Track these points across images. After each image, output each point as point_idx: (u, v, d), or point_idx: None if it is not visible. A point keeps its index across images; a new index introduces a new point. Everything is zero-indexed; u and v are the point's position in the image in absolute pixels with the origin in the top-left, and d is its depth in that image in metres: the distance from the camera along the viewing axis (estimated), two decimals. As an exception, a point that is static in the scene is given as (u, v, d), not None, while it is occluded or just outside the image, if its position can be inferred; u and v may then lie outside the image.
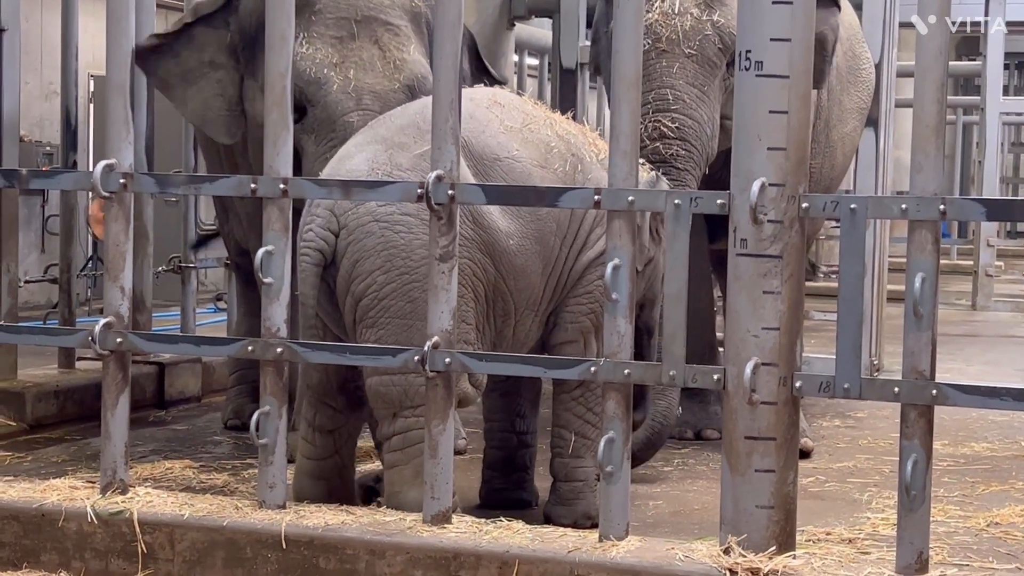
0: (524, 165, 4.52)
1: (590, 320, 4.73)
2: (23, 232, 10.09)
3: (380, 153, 4.38)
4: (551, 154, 4.63)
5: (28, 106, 11.33)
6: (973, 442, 6.63)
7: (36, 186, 4.72)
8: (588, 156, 4.75)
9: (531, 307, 4.62)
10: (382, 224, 4.28)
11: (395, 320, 4.27)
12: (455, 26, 3.93)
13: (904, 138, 5.48)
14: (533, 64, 14.03)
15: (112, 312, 4.19)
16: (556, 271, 4.66)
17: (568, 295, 4.73)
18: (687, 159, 5.77)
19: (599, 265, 4.66)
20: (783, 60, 3.58)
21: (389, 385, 4.30)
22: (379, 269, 4.27)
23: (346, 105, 5.42)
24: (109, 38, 4.23)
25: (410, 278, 4.25)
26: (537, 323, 4.70)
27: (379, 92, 5.48)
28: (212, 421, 6.98)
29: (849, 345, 3.57)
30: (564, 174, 4.62)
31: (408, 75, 5.56)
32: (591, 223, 4.70)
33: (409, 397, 4.28)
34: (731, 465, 3.66)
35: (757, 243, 3.59)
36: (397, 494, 4.31)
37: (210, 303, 11.11)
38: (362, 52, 5.55)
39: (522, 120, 4.65)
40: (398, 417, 4.33)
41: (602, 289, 4.64)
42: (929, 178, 3.51)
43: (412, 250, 4.26)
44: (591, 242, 4.70)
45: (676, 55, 5.83)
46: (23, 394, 6.63)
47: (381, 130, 4.53)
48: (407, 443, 4.31)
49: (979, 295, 13.86)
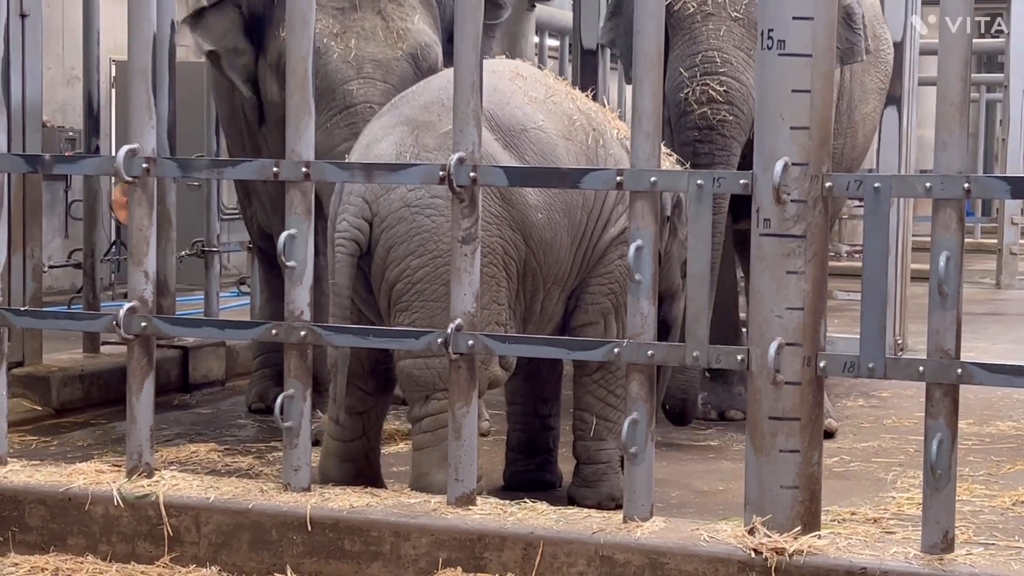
0: (550, 136, 4.52)
1: (610, 301, 4.72)
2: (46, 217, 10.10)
3: (406, 135, 4.38)
4: (574, 127, 4.62)
5: (50, 92, 11.34)
6: (998, 421, 6.61)
7: (59, 171, 4.73)
8: (609, 132, 4.75)
9: (559, 282, 4.61)
10: (413, 209, 4.29)
11: (429, 303, 4.28)
12: (476, 7, 3.92)
13: (928, 116, 5.47)
14: (554, 45, 14.01)
15: (136, 296, 4.20)
16: (583, 246, 4.65)
17: (590, 274, 4.72)
18: (734, 125, 5.69)
19: (620, 244, 4.66)
20: (806, 38, 3.56)
21: (423, 368, 4.31)
22: (412, 254, 4.28)
23: (346, 73, 5.41)
24: (130, 23, 4.23)
25: (443, 261, 4.24)
26: (562, 299, 4.69)
27: (381, 60, 5.47)
28: (236, 404, 7.01)
29: (873, 325, 3.56)
30: (587, 147, 4.62)
31: (411, 44, 5.54)
32: (615, 199, 4.69)
33: (442, 380, 4.27)
34: (755, 446, 3.66)
35: (780, 223, 3.58)
36: (424, 475, 4.32)
37: (233, 287, 11.14)
38: (364, 22, 5.54)
39: (545, 92, 4.65)
40: (430, 400, 4.33)
41: (623, 269, 4.65)
42: (953, 156, 3.49)
43: (443, 233, 4.25)
44: (614, 218, 4.69)
45: (723, 18, 5.76)
46: (48, 379, 6.66)
47: (406, 109, 4.52)
48: (437, 425, 4.32)
49: (1003, 274, 13.79)
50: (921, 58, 8.97)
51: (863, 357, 3.57)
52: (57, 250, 11.61)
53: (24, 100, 6.70)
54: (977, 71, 20.43)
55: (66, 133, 11.94)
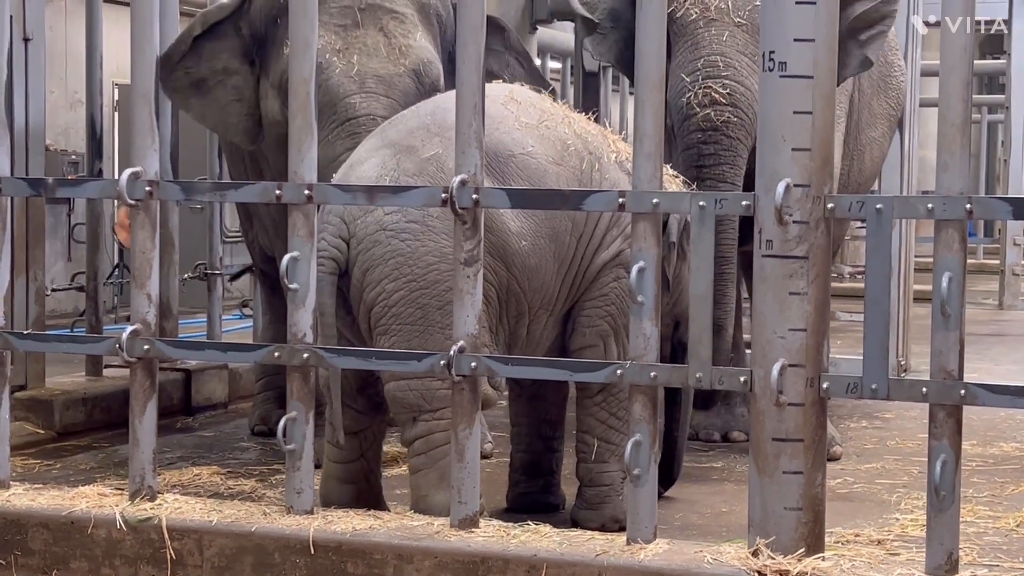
0: (539, 161, 4.52)
1: (608, 324, 4.72)
2: (49, 240, 10.12)
3: (388, 159, 4.41)
4: (568, 152, 4.62)
5: (53, 115, 11.37)
6: (1002, 442, 6.60)
7: (62, 195, 4.73)
8: (606, 156, 4.74)
9: (545, 307, 4.61)
10: (388, 233, 4.32)
11: (406, 327, 4.30)
12: (478, 29, 3.93)
13: (929, 137, 5.48)
14: (556, 67, 14.03)
15: (139, 319, 4.20)
16: (572, 270, 4.65)
17: (584, 297, 4.72)
18: (739, 127, 5.67)
19: (615, 267, 4.67)
20: (807, 60, 3.57)
21: (406, 390, 4.33)
22: (387, 277, 4.31)
23: (348, 88, 5.42)
24: (133, 46, 4.24)
25: (417, 285, 4.29)
26: (551, 323, 4.69)
27: (383, 76, 5.49)
28: (239, 427, 7.00)
29: (876, 345, 3.56)
30: (581, 172, 4.61)
31: (414, 60, 5.56)
32: (607, 223, 4.69)
33: (427, 401, 4.31)
34: (759, 467, 3.65)
35: (783, 244, 3.58)
36: (424, 498, 4.33)
37: (236, 310, 11.14)
38: (366, 39, 5.56)
39: (538, 117, 4.64)
40: (418, 421, 4.35)
41: (618, 292, 4.67)
42: (955, 177, 3.49)
43: (419, 257, 4.29)
44: (607, 242, 4.69)
45: (726, 23, 5.76)
46: (51, 402, 6.66)
47: (392, 133, 4.54)
48: (430, 446, 4.33)
49: (1006, 294, 13.80)
50: (922, 79, 8.99)
51: (866, 378, 3.57)
52: (60, 273, 11.61)
53: (27, 123, 6.72)
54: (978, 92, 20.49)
55: (69, 156, 11.97)
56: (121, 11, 7.40)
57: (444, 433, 4.28)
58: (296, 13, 4.10)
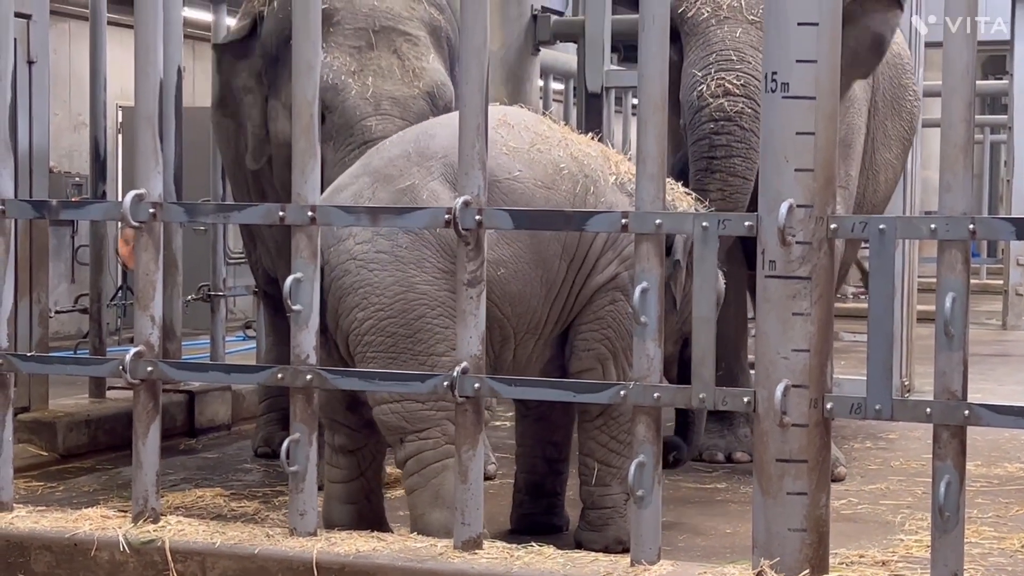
0: (526, 186, 4.52)
1: (605, 347, 4.71)
2: (53, 262, 10.12)
3: (366, 187, 4.45)
4: (560, 175, 4.61)
5: (57, 137, 11.41)
6: (1006, 462, 6.59)
7: (66, 217, 4.74)
8: (603, 178, 4.72)
9: (533, 331, 4.61)
10: (358, 263, 4.36)
11: (379, 354, 4.35)
12: (481, 51, 3.93)
13: (932, 158, 5.48)
14: (559, 88, 14.08)
15: (142, 341, 4.21)
16: (562, 294, 4.64)
17: (579, 321, 4.71)
18: (753, 119, 5.60)
19: (611, 290, 4.67)
20: (809, 81, 3.58)
21: (389, 413, 4.36)
22: (357, 307, 4.36)
23: (364, 110, 5.44)
24: (137, 69, 4.25)
25: (385, 314, 4.34)
26: (541, 346, 4.68)
27: (398, 98, 5.50)
28: (242, 449, 7.00)
29: (880, 366, 3.55)
30: (574, 196, 4.60)
31: (428, 82, 5.58)
32: (600, 246, 4.68)
33: (409, 422, 4.35)
34: (763, 488, 3.65)
35: (786, 265, 3.58)
36: (421, 517, 4.35)
37: (239, 331, 11.14)
38: (380, 60, 5.58)
39: (530, 140, 4.64)
40: (405, 442, 4.38)
41: (614, 315, 4.66)
42: (958, 197, 3.50)
43: (386, 287, 4.34)
44: (600, 266, 4.68)
45: (739, 21, 5.76)
46: (54, 424, 6.65)
47: (374, 160, 4.57)
48: (421, 465, 4.36)
49: (1009, 314, 13.79)
50: (925, 100, 8.99)
51: (870, 399, 3.56)
52: (63, 295, 11.62)
53: (31, 146, 6.73)
54: (981, 113, 20.50)
55: (73, 179, 11.99)
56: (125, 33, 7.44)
57: (433, 452, 4.33)
58: (299, 35, 4.10)
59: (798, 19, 3.57)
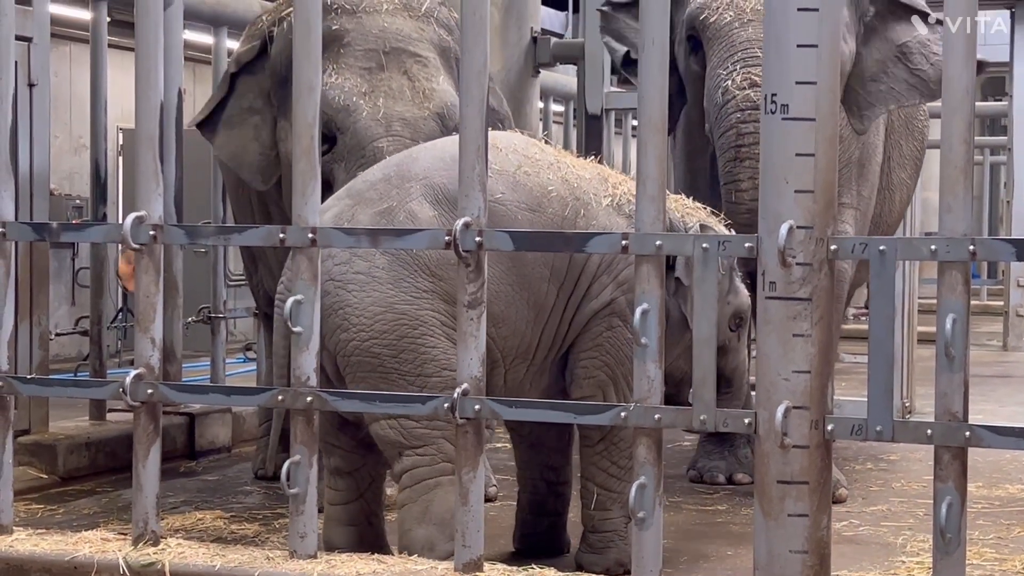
0: (508, 208, 4.52)
1: (605, 374, 4.71)
2: (53, 285, 10.14)
3: (346, 210, 4.47)
4: (547, 198, 4.60)
5: (58, 160, 11.43)
6: (1007, 484, 6.58)
7: (66, 239, 4.74)
8: (595, 201, 4.70)
9: (523, 356, 4.60)
10: (336, 284, 4.37)
11: (369, 375, 4.36)
12: (481, 73, 3.94)
13: (932, 179, 5.47)
14: (559, 110, 14.08)
15: (143, 363, 4.20)
16: (553, 319, 4.63)
17: (577, 348, 4.71)
18: None
19: (607, 316, 4.66)
20: (809, 103, 3.58)
21: (387, 428, 4.38)
22: (339, 328, 4.37)
23: (375, 131, 5.45)
24: (138, 91, 4.26)
25: (368, 335, 4.35)
26: (533, 373, 4.67)
27: (409, 119, 5.51)
28: (242, 471, 6.99)
29: (881, 387, 3.55)
30: (562, 218, 4.59)
31: (438, 103, 5.59)
32: (594, 270, 4.66)
33: (406, 438, 4.36)
34: (764, 510, 3.64)
35: (786, 286, 3.58)
36: (407, 532, 4.36)
37: (239, 353, 11.15)
38: (391, 82, 5.59)
39: (516, 163, 4.64)
40: (403, 456, 4.39)
41: (612, 341, 4.66)
42: (958, 219, 3.50)
43: (365, 308, 4.35)
44: (595, 292, 4.67)
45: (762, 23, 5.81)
46: (55, 446, 6.65)
47: (358, 184, 4.61)
48: (414, 480, 4.38)
49: (1010, 335, 13.79)
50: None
51: (871, 420, 3.56)
52: (64, 317, 11.63)
53: (32, 168, 6.74)
54: (981, 134, 20.53)
55: (73, 201, 12.01)
56: (126, 56, 7.45)
57: (428, 468, 4.34)
58: (300, 57, 4.11)
59: (798, 41, 3.58)
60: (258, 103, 5.95)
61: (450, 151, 4.38)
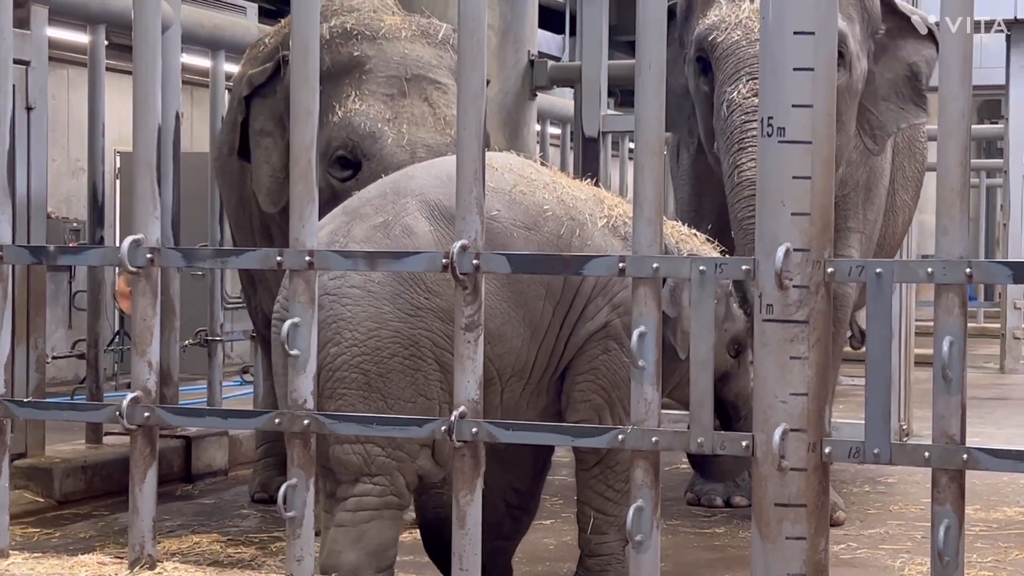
0: (503, 226, 4.52)
1: (601, 397, 4.68)
2: (50, 308, 10.13)
3: (342, 226, 4.45)
4: (543, 217, 4.60)
5: (55, 183, 11.43)
6: (1005, 506, 6.57)
7: (64, 262, 4.74)
8: (591, 221, 4.70)
9: (518, 375, 4.58)
10: (331, 297, 4.34)
11: (350, 391, 4.31)
12: (478, 96, 3.95)
13: (928, 202, 5.49)
14: (556, 133, 14.12)
15: (139, 386, 4.20)
16: (549, 339, 4.61)
17: (573, 371, 4.69)
18: None
19: (603, 339, 4.64)
20: (806, 126, 3.58)
21: (350, 453, 4.31)
22: (330, 342, 4.32)
23: (401, 158, 5.47)
24: (136, 114, 4.27)
25: (359, 351, 4.30)
26: (529, 393, 4.65)
27: (432, 146, 5.54)
28: (239, 494, 6.98)
29: (878, 410, 3.55)
30: (558, 238, 4.59)
31: None
32: (589, 291, 4.65)
33: (367, 465, 4.30)
34: (761, 533, 3.63)
35: (783, 308, 3.58)
36: (337, 553, 4.29)
37: (236, 376, 11.13)
38: (413, 108, 5.62)
39: (512, 182, 4.64)
40: (358, 482, 4.32)
41: (608, 364, 4.64)
42: (955, 241, 3.50)
43: (359, 323, 4.31)
44: (590, 313, 4.65)
45: None
46: (51, 470, 6.64)
47: (352, 201, 4.60)
48: (359, 507, 4.32)
49: (1007, 358, 13.79)
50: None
51: (868, 443, 3.56)
52: (61, 341, 11.62)
53: (29, 191, 6.75)
54: (977, 157, 20.57)
55: (71, 224, 12.01)
56: (123, 79, 7.47)
57: (376, 499, 4.29)
58: (298, 82, 4.12)
59: (794, 64, 3.59)
60: (269, 125, 5.96)
61: (445, 170, 4.39)
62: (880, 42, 6.33)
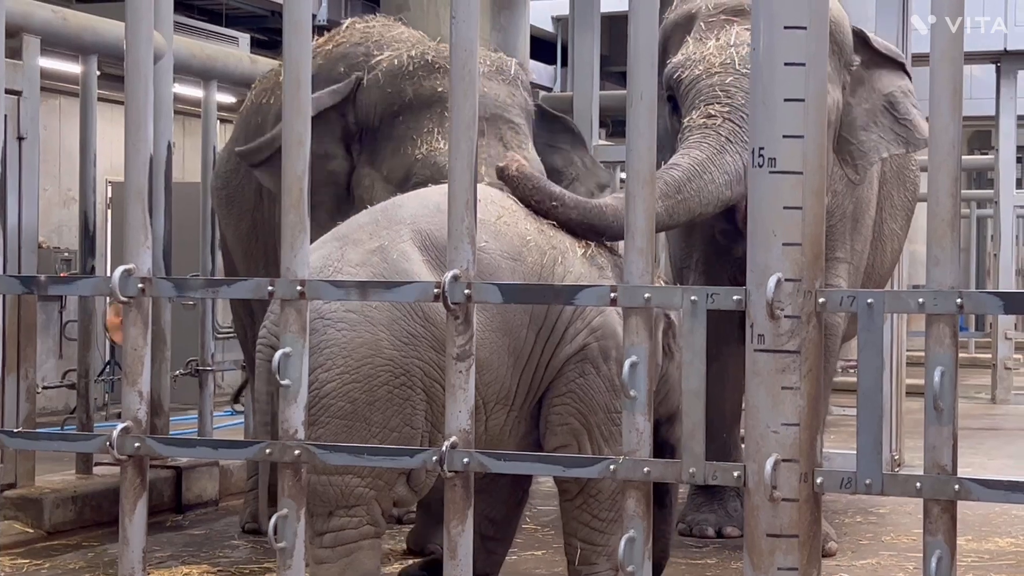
0: (492, 257, 4.54)
1: (578, 421, 4.67)
2: (41, 338, 10.11)
3: (335, 251, 4.46)
4: (526, 247, 4.63)
5: (47, 213, 11.44)
6: (997, 537, 6.56)
7: (54, 292, 4.74)
8: (572, 250, 4.74)
9: (503, 402, 4.58)
10: (325, 322, 4.32)
11: (335, 420, 4.29)
12: (470, 127, 3.95)
13: (919, 232, 5.50)
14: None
15: (130, 417, 4.18)
16: (531, 365, 4.62)
17: (550, 394, 4.69)
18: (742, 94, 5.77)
19: (579, 362, 4.65)
20: (796, 156, 3.59)
21: (327, 485, 4.30)
22: (321, 367, 4.29)
23: None
24: (128, 144, 4.26)
25: (350, 378, 4.28)
26: (513, 419, 4.65)
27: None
28: (230, 525, 6.95)
29: (870, 440, 3.55)
30: (541, 267, 4.62)
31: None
32: (568, 316, 4.67)
33: (344, 497, 4.29)
34: (753, 563, 3.62)
35: (775, 338, 3.58)
36: None
37: (227, 406, 11.11)
38: (490, 148, 5.67)
39: (497, 213, 4.68)
40: (333, 516, 4.31)
41: (585, 388, 4.64)
42: (946, 272, 3.50)
43: (353, 349, 4.29)
44: (569, 337, 4.67)
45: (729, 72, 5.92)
46: (41, 500, 6.61)
47: (344, 227, 4.62)
48: (338, 542, 4.31)
49: (998, 388, 13.80)
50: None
51: (860, 473, 3.55)
52: (51, 371, 11.60)
53: (20, 221, 6.75)
54: (967, 187, 20.62)
55: (62, 254, 12.01)
56: (115, 109, 7.47)
57: (354, 531, 4.29)
58: (290, 112, 4.12)
59: (784, 95, 3.60)
60: (333, 148, 5.98)
61: (433, 199, 4.41)
62: (856, 74, 6.39)
